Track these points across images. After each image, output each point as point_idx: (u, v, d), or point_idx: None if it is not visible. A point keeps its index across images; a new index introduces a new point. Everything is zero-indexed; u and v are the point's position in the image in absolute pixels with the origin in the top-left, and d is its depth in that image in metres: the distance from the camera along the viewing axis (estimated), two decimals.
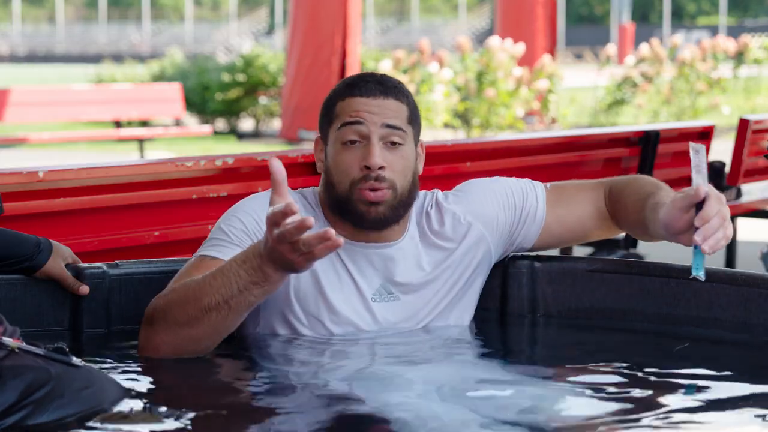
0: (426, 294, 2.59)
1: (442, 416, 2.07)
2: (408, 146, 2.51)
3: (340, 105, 2.50)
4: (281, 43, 34.75)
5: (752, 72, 17.84)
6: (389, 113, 2.48)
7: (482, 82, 13.59)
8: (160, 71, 17.31)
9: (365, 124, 2.46)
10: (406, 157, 2.50)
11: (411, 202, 2.54)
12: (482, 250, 2.64)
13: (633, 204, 2.56)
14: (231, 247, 2.43)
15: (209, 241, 2.49)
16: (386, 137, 2.47)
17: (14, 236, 2.50)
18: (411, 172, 2.51)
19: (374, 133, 2.46)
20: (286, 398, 2.22)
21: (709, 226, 2.24)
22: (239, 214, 2.50)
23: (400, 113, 2.50)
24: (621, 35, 29.06)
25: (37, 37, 53.03)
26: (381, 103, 2.48)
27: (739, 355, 2.56)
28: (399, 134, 2.48)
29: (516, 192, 2.67)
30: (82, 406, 1.98)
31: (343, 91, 2.52)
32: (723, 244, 2.27)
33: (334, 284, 2.52)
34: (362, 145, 2.46)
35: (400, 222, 2.54)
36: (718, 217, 2.24)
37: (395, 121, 2.48)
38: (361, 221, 2.48)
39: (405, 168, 2.49)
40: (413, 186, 2.52)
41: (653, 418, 2.09)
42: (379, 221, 2.48)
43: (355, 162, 2.46)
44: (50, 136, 11.37)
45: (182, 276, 2.43)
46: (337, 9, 13.54)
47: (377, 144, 2.46)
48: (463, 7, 49.48)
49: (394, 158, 2.47)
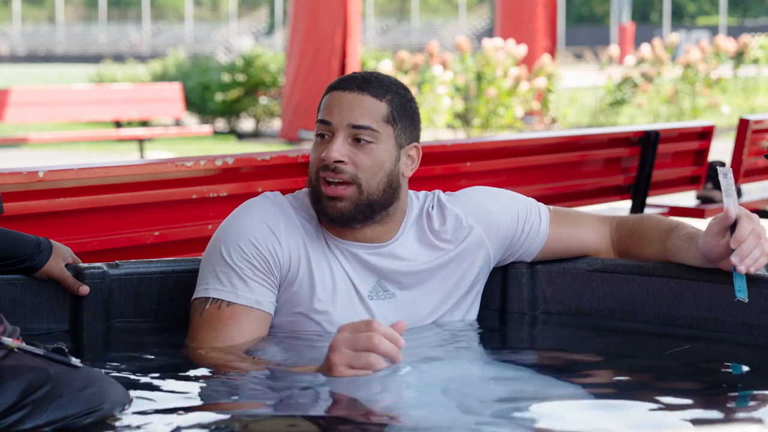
0: (423, 292, 2.59)
1: (442, 415, 2.07)
2: (381, 145, 2.49)
3: (324, 99, 2.53)
4: (281, 43, 34.77)
5: (752, 72, 17.84)
6: (359, 111, 2.47)
7: (482, 82, 13.59)
8: (162, 71, 17.31)
9: (332, 123, 2.48)
10: (375, 156, 2.48)
11: (385, 204, 2.51)
12: (482, 255, 2.64)
13: (656, 235, 2.62)
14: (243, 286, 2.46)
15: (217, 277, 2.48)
16: (352, 135, 2.48)
17: (14, 236, 2.50)
18: (383, 172, 2.49)
19: (339, 131, 2.47)
20: (287, 398, 2.22)
21: (745, 246, 2.31)
22: (238, 240, 2.48)
23: (373, 112, 2.48)
24: (621, 35, 29.06)
25: (37, 37, 53.04)
26: (355, 99, 2.48)
27: (739, 355, 2.56)
28: (367, 133, 2.47)
29: (521, 206, 2.68)
30: (81, 406, 1.98)
31: (331, 85, 2.55)
32: (763, 262, 2.33)
33: (330, 282, 2.52)
34: (330, 140, 2.49)
35: (384, 220, 2.53)
36: (752, 236, 2.32)
37: (363, 120, 2.47)
38: (325, 215, 2.49)
39: (373, 166, 2.48)
40: (388, 187, 2.50)
41: (653, 417, 2.08)
42: (341, 217, 2.48)
43: (321, 152, 2.49)
44: (50, 136, 11.37)
45: (206, 328, 2.45)
46: (337, 9, 13.54)
47: (339, 139, 2.46)
48: (463, 7, 49.48)
49: (360, 156, 2.47)
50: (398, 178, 2.52)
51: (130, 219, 3.35)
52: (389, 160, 2.50)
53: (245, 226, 2.49)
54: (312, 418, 2.09)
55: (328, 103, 2.50)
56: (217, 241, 2.51)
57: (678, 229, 2.58)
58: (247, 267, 2.46)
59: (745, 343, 2.56)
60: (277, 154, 3.67)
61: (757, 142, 5.73)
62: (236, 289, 2.46)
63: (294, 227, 2.51)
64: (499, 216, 2.65)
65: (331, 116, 2.47)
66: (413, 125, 2.55)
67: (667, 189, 5.42)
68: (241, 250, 2.47)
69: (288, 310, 2.52)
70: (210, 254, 2.51)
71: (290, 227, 2.51)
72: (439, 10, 55.01)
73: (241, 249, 2.47)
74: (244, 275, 2.46)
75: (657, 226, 2.64)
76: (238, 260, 2.47)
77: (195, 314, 2.49)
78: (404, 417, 2.06)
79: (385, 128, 2.49)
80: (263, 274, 2.48)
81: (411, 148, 2.55)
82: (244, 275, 2.46)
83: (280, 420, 2.09)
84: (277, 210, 2.52)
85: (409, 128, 2.54)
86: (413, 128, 2.55)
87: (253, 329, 2.47)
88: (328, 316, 2.51)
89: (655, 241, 2.62)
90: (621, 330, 2.71)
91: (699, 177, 5.54)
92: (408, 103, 2.54)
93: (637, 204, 5.09)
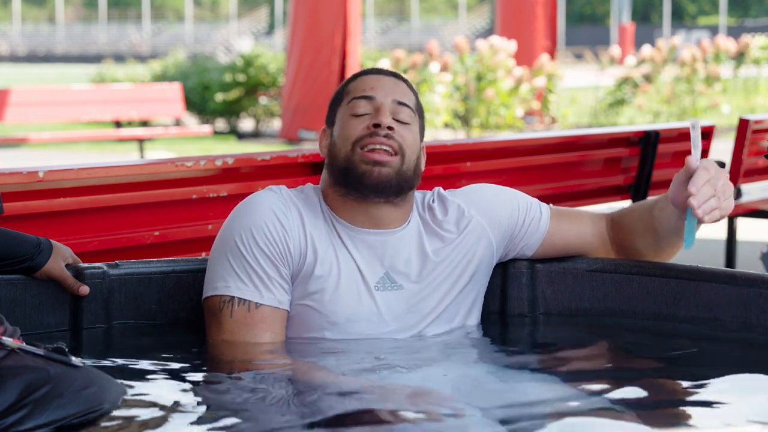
0: (429, 284, 2.58)
1: (442, 415, 2.07)
2: (414, 128, 2.56)
3: (352, 84, 2.57)
4: (281, 43, 34.77)
5: (752, 72, 17.84)
6: (401, 91, 2.55)
7: (481, 82, 13.59)
8: (162, 71, 17.31)
9: (376, 98, 2.52)
10: (413, 134, 2.55)
11: (413, 182, 2.55)
12: (483, 244, 2.65)
13: (645, 207, 2.65)
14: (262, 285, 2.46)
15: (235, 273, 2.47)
16: (397, 113, 2.52)
17: (14, 236, 2.50)
18: (416, 154, 2.55)
19: (385, 104, 2.52)
20: (287, 397, 2.22)
21: (701, 193, 2.36)
22: (252, 229, 2.47)
23: (409, 96, 2.57)
24: (621, 35, 29.06)
25: (37, 37, 53.05)
26: (393, 81, 2.56)
27: (739, 355, 2.56)
28: (407, 113, 2.54)
29: (521, 200, 2.70)
30: (81, 406, 1.98)
31: (354, 76, 2.59)
32: (716, 215, 2.37)
33: (336, 274, 2.51)
34: (371, 116, 2.51)
35: (401, 204, 2.54)
36: (708, 185, 2.36)
37: (406, 99, 2.54)
38: (361, 183, 2.49)
39: (414, 143, 2.54)
40: (417, 169, 2.56)
41: (653, 417, 2.09)
42: (381, 184, 2.49)
43: (361, 125, 2.51)
44: (50, 136, 11.36)
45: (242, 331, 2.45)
46: (337, 9, 13.54)
47: (386, 111, 2.51)
48: (463, 7, 49.49)
49: (404, 131, 2.52)
50: (421, 165, 2.59)
51: (130, 219, 3.35)
52: (418, 146, 2.58)
53: (256, 216, 2.49)
54: (312, 415, 2.09)
55: (363, 84, 2.55)
56: (229, 233, 2.49)
57: (661, 196, 2.62)
58: (263, 258, 2.46)
59: (745, 343, 2.56)
60: (277, 154, 3.67)
61: (757, 142, 5.73)
62: (258, 289, 2.46)
63: (300, 217, 2.51)
64: (500, 208, 2.67)
65: (375, 92, 2.53)
66: (423, 126, 2.64)
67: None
68: (255, 240, 2.46)
69: (294, 302, 2.52)
70: (222, 247, 2.49)
71: (297, 217, 2.51)
72: (439, 10, 55.01)
73: (254, 239, 2.47)
74: (261, 271, 2.46)
75: (644, 202, 2.69)
76: (255, 250, 2.46)
77: (221, 314, 2.47)
78: (404, 416, 2.06)
79: (414, 117, 2.57)
80: (278, 266, 2.47)
81: (423, 146, 2.62)
82: (261, 271, 2.46)
83: (281, 419, 2.10)
84: (283, 201, 2.52)
85: (423, 127, 2.62)
86: (423, 129, 2.63)
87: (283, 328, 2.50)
88: (333, 306, 2.51)
89: (645, 212, 2.64)
90: (621, 330, 2.71)
91: None
92: (420, 105, 2.63)
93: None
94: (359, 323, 2.52)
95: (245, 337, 2.45)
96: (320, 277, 2.50)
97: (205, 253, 3.36)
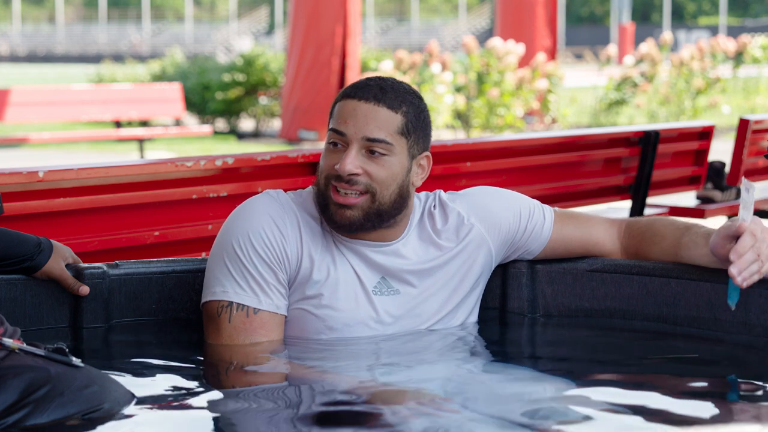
0: (427, 291, 2.58)
1: (442, 414, 2.07)
2: (395, 157, 2.47)
3: (338, 106, 2.50)
4: (281, 43, 34.77)
5: (752, 72, 17.84)
6: (374, 123, 2.45)
7: (484, 83, 13.59)
8: (161, 71, 17.31)
9: (346, 134, 2.45)
10: (389, 168, 2.46)
11: (393, 213, 2.50)
12: (484, 252, 2.64)
13: (672, 231, 2.64)
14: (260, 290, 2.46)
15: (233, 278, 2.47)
16: (367, 147, 2.45)
17: (15, 236, 2.50)
18: (396, 184, 2.48)
19: (353, 142, 2.45)
20: (287, 397, 2.22)
21: (743, 260, 2.37)
22: (249, 234, 2.47)
23: (388, 124, 2.46)
24: (621, 35, 29.08)
25: (37, 37, 53.06)
26: (370, 110, 2.45)
27: (739, 355, 2.56)
28: (382, 146, 2.45)
29: (524, 205, 2.68)
30: (82, 405, 1.98)
31: (345, 92, 2.51)
32: (756, 279, 2.40)
33: (334, 278, 2.51)
34: (344, 149, 2.46)
35: (392, 224, 2.53)
36: (752, 251, 2.38)
37: (378, 134, 2.44)
38: (333, 222, 2.48)
39: (387, 178, 2.46)
40: (398, 198, 2.49)
41: (653, 417, 2.09)
42: (349, 225, 2.47)
43: (333, 161, 2.47)
44: (50, 136, 11.36)
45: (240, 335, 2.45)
46: (337, 9, 13.54)
47: (353, 151, 2.44)
48: (463, 7, 49.49)
49: (375, 167, 2.45)
50: (408, 188, 2.51)
51: (130, 219, 3.35)
52: (401, 172, 2.49)
53: (253, 221, 2.49)
54: (312, 416, 2.09)
55: (342, 111, 2.47)
56: (227, 239, 2.50)
57: (695, 227, 2.62)
58: (261, 264, 2.46)
59: (745, 343, 2.56)
60: (277, 154, 3.67)
61: (757, 142, 5.73)
62: (256, 294, 2.46)
63: (297, 223, 2.51)
64: (501, 214, 2.65)
65: (346, 127, 2.45)
66: (426, 135, 2.54)
67: (667, 189, 5.42)
68: (252, 245, 2.47)
69: (291, 306, 2.52)
70: (220, 252, 2.50)
71: (294, 223, 2.51)
72: (439, 10, 55.01)
73: (252, 244, 2.47)
74: (259, 277, 2.46)
75: (672, 224, 2.67)
76: (253, 256, 2.46)
77: (220, 319, 2.47)
78: (403, 416, 2.06)
79: (399, 140, 2.47)
80: (275, 272, 2.47)
81: (422, 158, 2.55)
82: (259, 277, 2.46)
83: (281, 418, 2.10)
84: (280, 206, 2.52)
85: (422, 139, 2.53)
86: (425, 138, 2.54)
87: (281, 333, 2.50)
88: (331, 311, 2.51)
89: (670, 237, 2.63)
90: (621, 330, 2.71)
91: (699, 177, 5.54)
92: (421, 114, 2.52)
93: (637, 204, 5.09)
94: (357, 327, 2.52)
95: (244, 341, 2.45)
96: (318, 281, 2.50)
97: (205, 253, 3.36)
